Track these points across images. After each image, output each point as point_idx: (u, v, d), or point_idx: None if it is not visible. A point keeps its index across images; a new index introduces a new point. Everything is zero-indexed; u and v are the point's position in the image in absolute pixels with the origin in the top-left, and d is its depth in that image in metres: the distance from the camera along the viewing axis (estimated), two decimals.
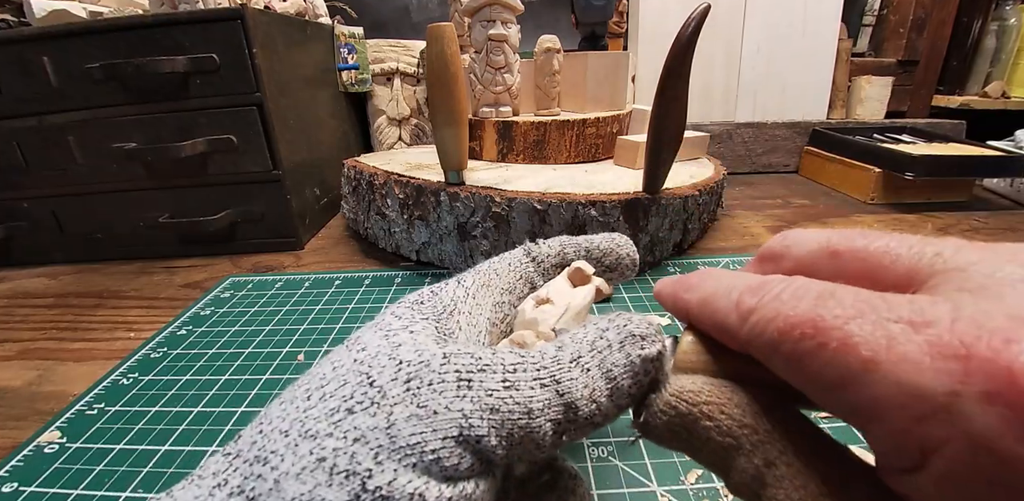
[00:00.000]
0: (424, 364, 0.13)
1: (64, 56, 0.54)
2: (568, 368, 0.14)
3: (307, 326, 0.44)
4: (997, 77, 0.96)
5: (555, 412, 0.13)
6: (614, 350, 0.14)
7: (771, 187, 0.83)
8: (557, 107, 0.63)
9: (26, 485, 0.28)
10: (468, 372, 0.13)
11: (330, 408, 0.13)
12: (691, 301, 0.14)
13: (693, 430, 0.13)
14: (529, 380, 0.13)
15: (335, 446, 0.12)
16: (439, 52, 0.43)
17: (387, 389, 0.13)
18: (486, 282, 0.19)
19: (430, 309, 0.17)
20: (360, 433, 0.12)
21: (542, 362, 0.14)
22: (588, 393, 0.13)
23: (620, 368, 0.14)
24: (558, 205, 0.46)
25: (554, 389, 0.13)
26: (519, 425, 0.13)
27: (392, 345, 0.14)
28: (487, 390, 0.13)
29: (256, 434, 0.13)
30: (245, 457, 0.12)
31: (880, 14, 1.00)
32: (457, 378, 0.13)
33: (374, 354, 0.14)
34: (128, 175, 0.59)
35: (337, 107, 0.79)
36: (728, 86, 0.90)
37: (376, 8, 1.03)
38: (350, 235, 0.67)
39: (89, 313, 0.50)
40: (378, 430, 0.12)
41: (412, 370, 0.13)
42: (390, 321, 0.16)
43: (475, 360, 0.13)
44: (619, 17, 0.94)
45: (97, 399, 0.35)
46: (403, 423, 0.12)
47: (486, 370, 0.13)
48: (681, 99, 0.43)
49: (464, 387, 0.13)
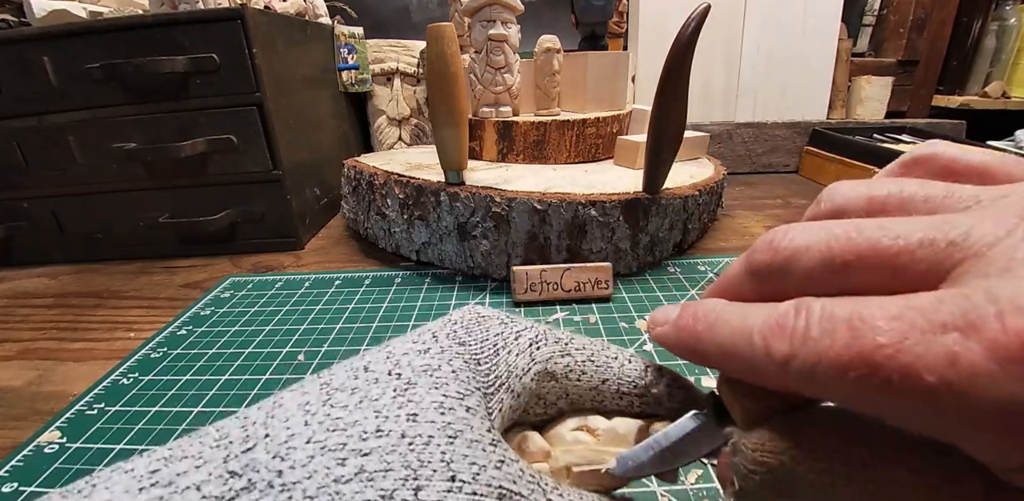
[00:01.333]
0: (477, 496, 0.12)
1: (64, 56, 0.54)
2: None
3: (307, 326, 0.44)
4: (997, 77, 0.96)
5: None
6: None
7: (771, 187, 0.83)
8: (557, 107, 0.63)
9: (26, 485, 0.28)
10: None
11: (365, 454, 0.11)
12: (708, 353, 0.13)
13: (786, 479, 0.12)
14: None
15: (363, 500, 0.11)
16: (439, 52, 0.43)
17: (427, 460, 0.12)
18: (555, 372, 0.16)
19: (482, 378, 0.14)
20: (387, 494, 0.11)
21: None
22: None
23: None
24: (558, 205, 0.46)
25: None
26: None
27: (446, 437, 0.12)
28: None
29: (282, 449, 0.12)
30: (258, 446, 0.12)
31: (880, 14, 1.00)
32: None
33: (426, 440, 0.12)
34: (128, 175, 0.59)
35: (337, 107, 0.79)
36: (728, 86, 0.90)
37: (376, 8, 1.03)
38: (350, 235, 0.67)
39: (89, 313, 0.50)
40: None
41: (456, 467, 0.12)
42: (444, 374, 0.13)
43: None
44: (619, 17, 0.94)
45: (97, 399, 0.35)
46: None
47: None
48: (681, 99, 0.43)
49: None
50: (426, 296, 0.48)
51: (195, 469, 0.11)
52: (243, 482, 0.11)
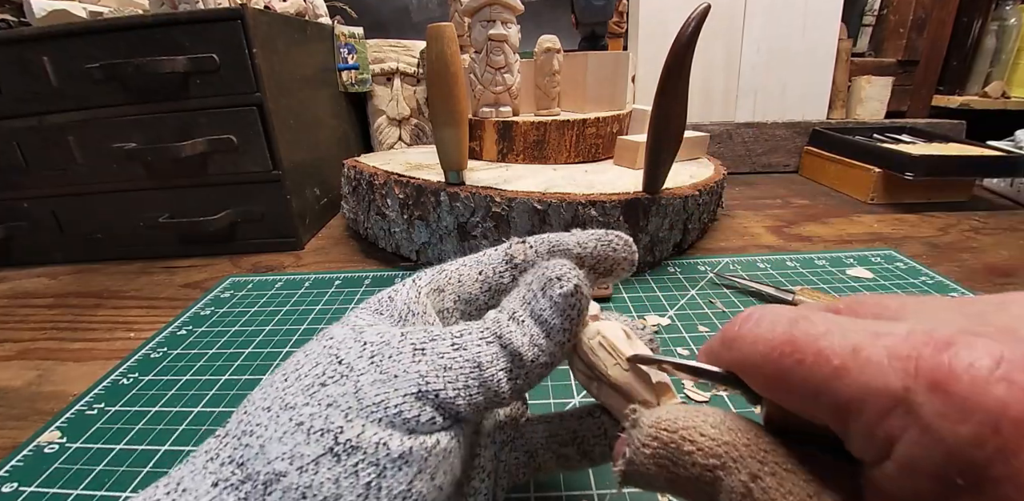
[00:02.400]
0: (384, 342, 0.15)
1: (64, 56, 0.54)
2: (507, 323, 0.16)
3: (307, 326, 0.44)
4: (997, 77, 0.96)
5: (503, 361, 0.15)
6: (539, 297, 0.16)
7: (771, 187, 0.83)
8: (557, 107, 0.63)
9: (26, 485, 0.28)
10: (422, 343, 0.15)
11: (305, 384, 0.15)
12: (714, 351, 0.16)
13: (677, 458, 0.13)
14: (475, 340, 0.16)
15: (311, 412, 0.14)
16: (439, 52, 0.43)
17: (354, 364, 0.15)
18: (441, 286, 0.20)
19: (387, 319, 0.18)
20: (332, 399, 0.14)
21: (484, 324, 0.16)
22: (528, 340, 0.16)
23: (548, 310, 0.16)
24: (558, 205, 0.46)
25: (498, 343, 0.16)
26: (472, 377, 0.15)
27: (357, 331, 0.16)
28: (439, 354, 0.15)
29: (242, 414, 0.15)
30: (233, 433, 0.14)
31: (880, 14, 1.00)
32: (412, 348, 0.15)
33: (341, 339, 0.16)
34: (128, 175, 0.59)
35: (337, 107, 0.79)
36: (728, 86, 0.90)
37: (376, 8, 1.03)
38: (350, 235, 0.67)
39: (89, 313, 0.50)
40: (347, 395, 0.14)
41: (375, 348, 0.15)
42: (354, 320, 0.18)
43: (427, 333, 0.16)
44: (619, 17, 0.94)
45: (97, 399, 0.35)
46: (368, 387, 0.14)
47: (436, 339, 0.16)
48: (681, 99, 0.43)
49: (419, 354, 0.15)
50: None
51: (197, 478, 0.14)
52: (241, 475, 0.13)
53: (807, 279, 0.49)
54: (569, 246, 0.20)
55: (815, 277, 0.49)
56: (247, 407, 0.15)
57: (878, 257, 0.53)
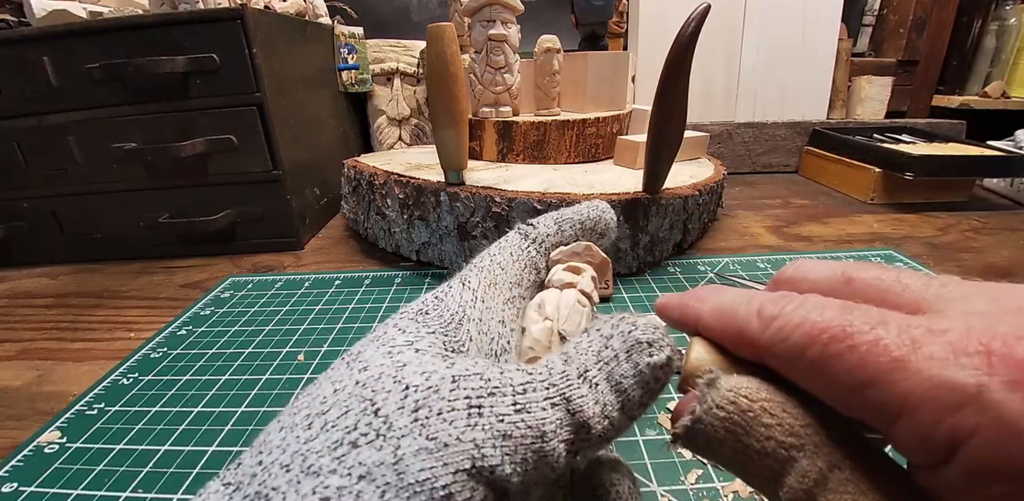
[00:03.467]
0: (433, 390, 0.12)
1: (64, 56, 0.54)
2: (577, 385, 0.13)
3: (307, 326, 0.44)
4: (997, 77, 0.96)
5: (567, 432, 0.13)
6: (621, 361, 0.14)
7: (771, 187, 0.83)
8: (557, 107, 0.63)
9: (26, 485, 0.28)
10: (479, 397, 0.12)
11: (333, 441, 0.12)
12: (703, 309, 0.14)
13: (752, 428, 0.12)
14: (540, 400, 0.13)
15: (339, 484, 0.11)
16: (439, 52, 0.43)
17: (393, 419, 0.12)
18: (493, 280, 0.18)
19: (436, 320, 0.16)
20: (366, 469, 0.11)
21: (551, 379, 0.13)
22: (600, 410, 0.13)
23: (630, 379, 0.13)
24: (558, 205, 0.46)
25: (565, 408, 0.13)
26: (532, 449, 0.12)
27: (396, 365, 0.13)
28: (498, 416, 0.12)
29: (256, 465, 0.12)
30: (245, 492, 0.12)
31: (880, 14, 1.00)
32: (467, 405, 0.12)
33: (377, 375, 0.13)
34: (128, 175, 0.59)
35: (337, 107, 0.79)
36: (728, 86, 0.90)
37: (376, 8, 1.03)
38: (350, 235, 0.67)
39: (89, 313, 0.50)
40: (385, 466, 0.11)
41: (420, 397, 0.12)
42: (393, 335, 0.15)
43: (485, 382, 0.13)
44: (619, 17, 0.94)
45: (97, 399, 0.35)
46: (412, 458, 0.11)
47: (496, 393, 0.13)
48: (681, 99, 0.43)
49: (475, 415, 0.12)
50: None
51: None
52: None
53: None
54: (570, 215, 0.21)
55: None
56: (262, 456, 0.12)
57: (878, 257, 0.53)
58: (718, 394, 0.13)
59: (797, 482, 0.11)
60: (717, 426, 0.13)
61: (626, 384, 0.13)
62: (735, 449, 0.12)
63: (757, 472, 0.12)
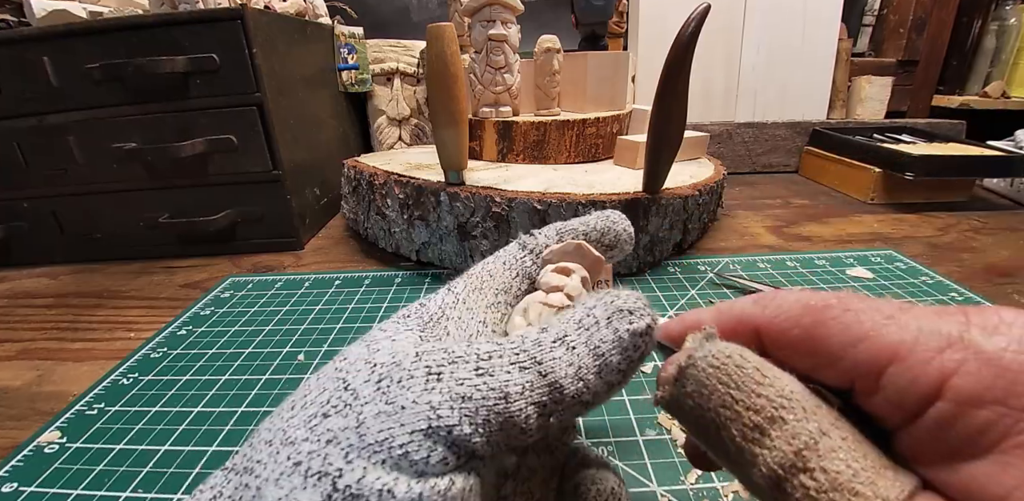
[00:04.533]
0: (395, 364, 0.13)
1: (64, 56, 0.54)
2: (551, 348, 0.14)
3: (307, 326, 0.44)
4: (997, 77, 0.96)
5: (538, 394, 0.13)
6: (601, 326, 0.14)
7: (771, 187, 0.83)
8: (557, 107, 0.63)
9: (26, 485, 0.28)
10: (439, 366, 0.13)
11: (309, 414, 0.13)
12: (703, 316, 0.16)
13: (743, 384, 0.12)
14: (506, 365, 0.13)
15: (309, 449, 0.12)
16: (439, 52, 0.43)
17: (359, 390, 0.13)
18: (478, 285, 0.19)
19: (415, 321, 0.17)
20: (332, 435, 0.12)
21: (522, 345, 0.14)
22: (574, 371, 0.13)
23: (608, 344, 0.14)
24: (558, 205, 0.46)
25: (535, 371, 0.13)
26: (496, 411, 0.12)
27: (371, 352, 0.14)
28: (457, 380, 0.13)
29: (247, 448, 0.13)
30: (236, 469, 0.13)
31: (880, 14, 1.00)
32: (427, 372, 0.13)
33: (353, 361, 0.14)
34: (128, 175, 0.59)
35: (337, 107, 0.79)
36: (728, 86, 0.90)
37: (376, 8, 1.03)
38: (350, 235, 0.67)
39: (89, 313, 0.50)
40: (348, 430, 0.12)
41: (384, 371, 0.13)
42: (375, 334, 0.16)
43: (447, 354, 0.13)
44: (619, 17, 0.94)
45: (97, 399, 0.36)
46: (372, 420, 0.12)
47: (458, 362, 0.13)
48: (681, 99, 0.43)
49: (433, 380, 0.13)
50: (426, 296, 0.48)
51: None
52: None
53: (807, 279, 0.49)
54: (574, 226, 0.21)
55: (815, 277, 0.49)
56: (253, 439, 0.14)
57: (878, 257, 0.53)
58: (715, 346, 0.13)
59: (786, 444, 0.12)
60: (710, 374, 0.13)
61: (604, 348, 0.14)
62: (722, 403, 0.12)
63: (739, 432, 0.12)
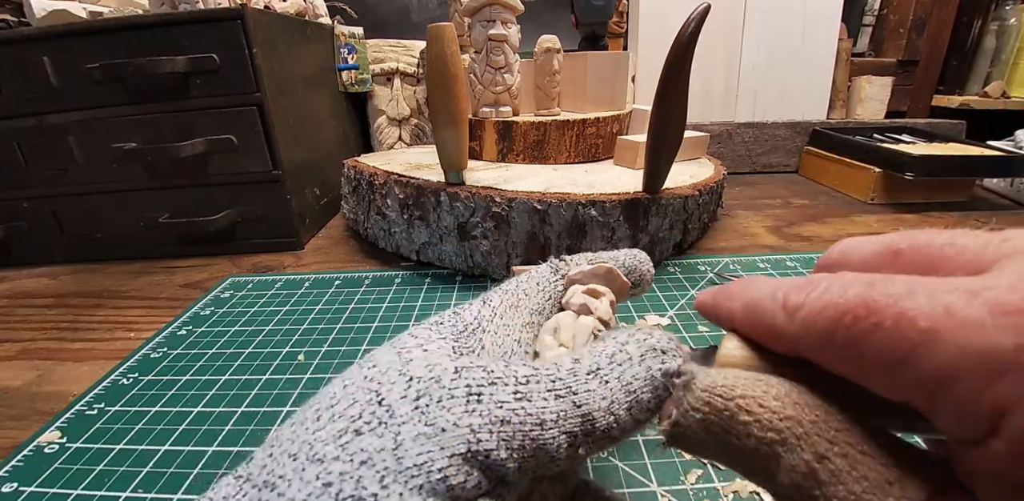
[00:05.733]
0: (434, 380, 0.13)
1: (64, 56, 0.54)
2: (585, 380, 0.13)
3: (307, 326, 0.44)
4: (997, 77, 0.96)
5: (571, 424, 0.13)
6: (634, 363, 0.14)
7: (771, 187, 0.83)
8: (557, 107, 0.63)
9: (26, 485, 0.28)
10: (479, 386, 0.13)
11: (338, 429, 0.12)
12: (734, 308, 0.14)
13: (731, 427, 0.12)
14: (543, 391, 0.13)
15: (341, 470, 0.11)
16: (439, 52, 0.43)
17: (395, 407, 0.12)
18: (515, 303, 0.19)
19: (449, 329, 0.16)
20: (367, 455, 0.12)
21: (558, 373, 0.14)
22: (606, 405, 0.13)
23: (640, 381, 0.14)
24: (558, 205, 0.46)
25: (570, 400, 0.13)
26: (531, 437, 0.12)
27: (404, 361, 0.14)
28: (497, 403, 0.12)
29: (266, 457, 0.13)
30: (254, 482, 0.12)
31: (880, 14, 1.00)
32: (467, 393, 0.13)
33: (384, 370, 0.14)
34: (128, 175, 0.59)
35: (337, 107, 0.79)
36: (728, 86, 0.90)
37: (376, 8, 1.03)
38: (350, 235, 0.67)
39: (89, 313, 0.50)
40: (385, 451, 0.12)
41: (422, 387, 0.13)
42: (405, 340, 0.15)
43: (487, 373, 0.13)
44: (619, 17, 0.94)
45: (97, 399, 0.35)
46: (410, 443, 0.12)
47: (497, 383, 0.13)
48: (681, 99, 0.43)
49: (474, 401, 0.12)
50: (426, 296, 0.48)
51: None
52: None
53: None
54: (603, 259, 0.21)
55: None
56: (273, 448, 0.13)
57: None
58: (692, 396, 0.13)
59: (787, 478, 0.11)
60: (696, 428, 0.13)
61: (636, 385, 0.14)
62: (719, 449, 0.12)
63: (749, 469, 0.12)
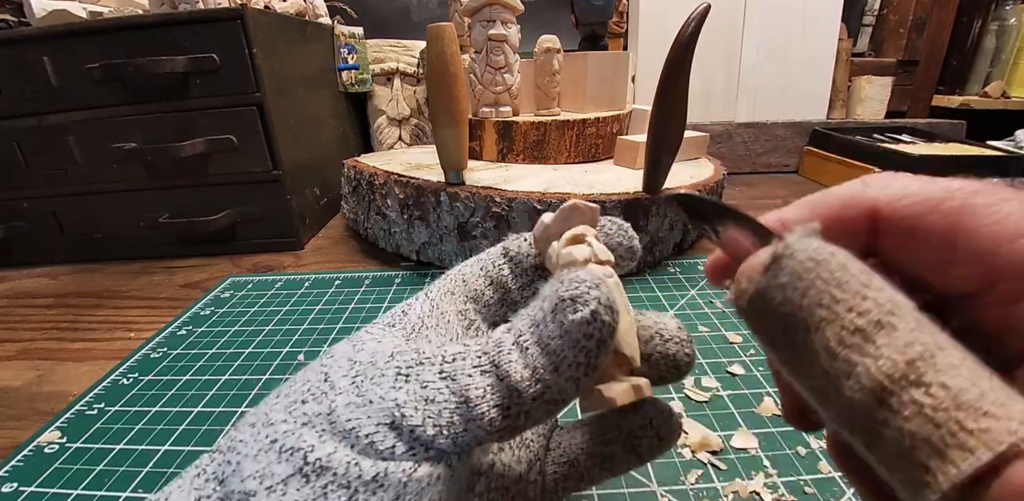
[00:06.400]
0: (371, 363, 0.14)
1: (64, 56, 0.54)
2: (508, 350, 0.14)
3: (307, 326, 0.44)
4: (997, 77, 0.96)
5: (498, 397, 0.13)
6: (548, 321, 0.13)
7: (771, 187, 0.83)
8: (557, 107, 0.63)
9: (26, 485, 0.28)
10: (408, 367, 0.14)
11: (290, 401, 0.14)
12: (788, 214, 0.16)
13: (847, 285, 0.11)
14: (468, 368, 0.14)
15: (285, 429, 0.13)
16: (439, 52, 0.43)
17: (336, 383, 0.14)
18: (451, 289, 0.19)
19: (400, 331, 0.17)
20: (308, 418, 0.13)
21: (484, 348, 0.14)
22: (529, 374, 0.13)
23: (557, 340, 0.13)
24: (558, 205, 0.46)
25: (494, 374, 0.13)
26: (458, 414, 0.13)
27: (355, 349, 0.15)
28: (422, 382, 0.13)
29: (233, 430, 0.15)
30: (221, 450, 0.14)
31: (880, 14, 1.00)
32: (396, 372, 0.14)
33: (338, 357, 0.15)
34: (128, 175, 0.59)
35: (337, 107, 0.79)
36: (728, 86, 0.90)
37: (376, 8, 1.03)
38: (350, 235, 0.67)
39: (89, 313, 0.50)
40: (321, 416, 0.13)
41: (360, 368, 0.14)
42: (361, 335, 0.17)
43: (416, 355, 0.14)
44: (619, 17, 0.94)
45: (97, 399, 0.35)
46: (342, 409, 0.13)
47: (424, 363, 0.14)
48: (681, 99, 0.43)
49: (401, 380, 0.14)
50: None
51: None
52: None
53: None
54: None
55: None
56: (239, 423, 0.15)
57: None
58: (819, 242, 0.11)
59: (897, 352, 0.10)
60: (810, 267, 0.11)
61: (554, 345, 0.13)
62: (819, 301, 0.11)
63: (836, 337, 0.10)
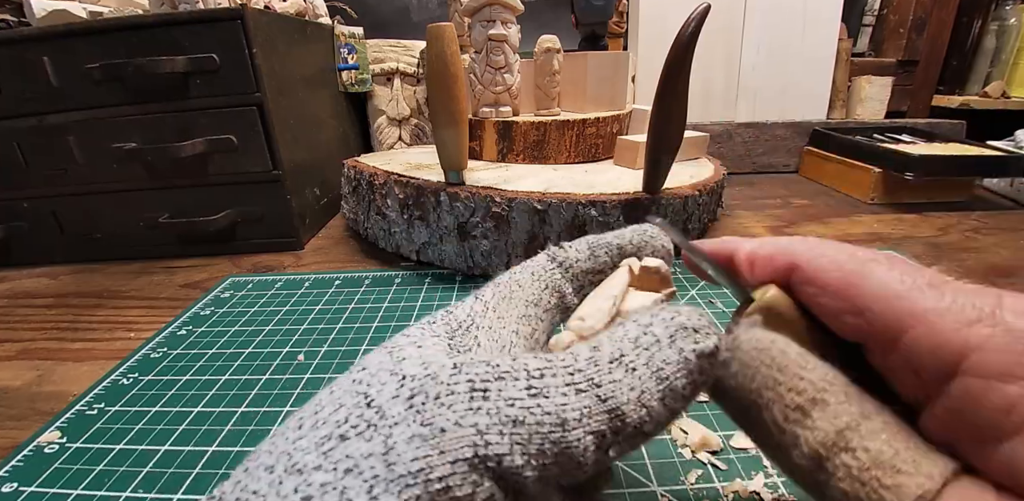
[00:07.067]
0: (431, 376, 0.11)
1: (64, 56, 0.54)
2: (609, 369, 0.12)
3: (307, 326, 0.44)
4: (997, 77, 0.96)
5: (597, 421, 0.11)
6: (663, 346, 0.12)
7: (771, 187, 0.83)
8: (557, 107, 0.63)
9: (26, 485, 0.28)
10: (484, 381, 0.11)
11: (321, 436, 0.11)
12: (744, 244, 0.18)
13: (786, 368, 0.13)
14: (561, 385, 0.11)
15: (323, 481, 0.10)
16: (439, 52, 0.43)
17: (386, 408, 0.11)
18: (507, 295, 0.17)
19: (442, 327, 0.15)
20: (352, 462, 0.10)
21: (576, 364, 0.12)
22: (636, 396, 0.11)
23: (673, 366, 0.12)
24: (558, 205, 0.46)
25: (594, 394, 0.11)
26: (551, 439, 0.11)
27: (396, 360, 0.12)
28: (507, 400, 0.11)
29: (242, 473, 0.11)
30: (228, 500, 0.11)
31: (880, 14, 1.00)
32: (470, 388, 0.11)
33: (374, 372, 0.12)
34: (128, 175, 0.59)
35: (337, 107, 0.79)
36: (728, 86, 0.90)
37: (376, 8, 1.03)
38: (350, 235, 0.67)
39: (89, 313, 0.50)
40: (374, 457, 0.10)
41: (416, 385, 0.11)
42: (397, 340, 0.14)
43: (492, 368, 0.11)
44: (619, 17, 0.94)
45: (97, 399, 0.35)
46: (403, 446, 0.10)
47: (506, 377, 0.11)
48: (681, 99, 0.43)
49: (479, 398, 0.11)
50: (426, 296, 0.48)
51: None
52: None
53: None
54: (608, 240, 0.19)
55: None
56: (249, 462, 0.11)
57: None
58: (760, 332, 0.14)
59: (828, 424, 0.12)
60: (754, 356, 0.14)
61: (668, 371, 0.12)
62: (765, 385, 0.13)
63: (781, 414, 0.13)
